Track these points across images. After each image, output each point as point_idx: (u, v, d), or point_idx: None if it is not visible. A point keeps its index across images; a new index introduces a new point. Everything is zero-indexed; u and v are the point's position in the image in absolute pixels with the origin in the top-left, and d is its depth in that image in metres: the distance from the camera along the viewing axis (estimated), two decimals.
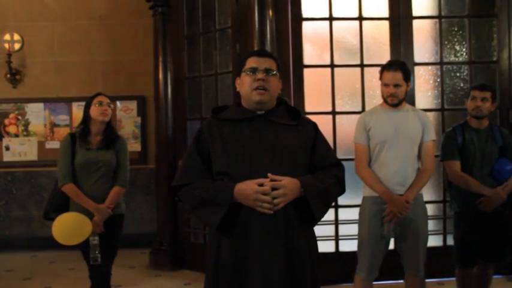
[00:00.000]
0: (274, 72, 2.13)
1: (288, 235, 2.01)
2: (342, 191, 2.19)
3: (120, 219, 3.37)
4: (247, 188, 1.94)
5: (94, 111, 3.27)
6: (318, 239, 2.20)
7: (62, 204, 3.23)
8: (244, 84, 2.13)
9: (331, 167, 2.15)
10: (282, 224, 1.99)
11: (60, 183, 3.22)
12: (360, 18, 4.31)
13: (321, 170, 2.12)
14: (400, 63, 3.24)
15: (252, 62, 2.13)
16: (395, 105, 3.18)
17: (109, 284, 3.35)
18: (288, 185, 1.96)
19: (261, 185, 1.94)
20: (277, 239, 1.99)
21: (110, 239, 3.26)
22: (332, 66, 4.31)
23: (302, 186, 2.00)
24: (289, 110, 2.22)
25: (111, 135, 3.34)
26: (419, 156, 3.20)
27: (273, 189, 1.95)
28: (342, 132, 4.27)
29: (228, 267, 2.01)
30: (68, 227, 3.14)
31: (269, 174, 1.96)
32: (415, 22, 4.31)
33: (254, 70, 2.10)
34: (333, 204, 4.14)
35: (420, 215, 3.16)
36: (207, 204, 2.02)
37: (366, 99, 4.29)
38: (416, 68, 4.32)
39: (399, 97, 3.15)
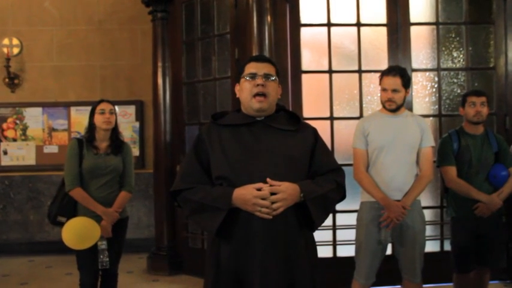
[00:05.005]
0: (274, 77, 2.13)
1: (288, 240, 1.99)
2: (342, 196, 2.18)
3: (126, 222, 3.46)
4: (246, 193, 1.94)
5: (97, 119, 3.31)
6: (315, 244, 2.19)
7: (70, 209, 3.24)
8: (244, 90, 2.13)
9: (331, 172, 2.14)
10: (282, 229, 1.98)
11: (68, 187, 3.23)
12: (358, 25, 4.33)
13: (320, 175, 2.11)
14: (400, 69, 3.22)
15: (250, 68, 2.13)
16: (393, 111, 3.18)
17: (116, 285, 3.42)
18: (287, 189, 1.95)
19: (260, 189, 1.94)
20: (277, 244, 1.97)
21: (117, 241, 3.34)
22: (330, 72, 4.32)
23: (301, 191, 1.99)
24: (289, 115, 2.22)
25: (118, 141, 3.38)
26: (417, 162, 3.20)
27: (273, 194, 1.94)
28: (340, 138, 4.29)
29: (228, 273, 1.99)
30: (79, 231, 3.16)
31: (268, 179, 1.95)
32: (412, 28, 4.33)
33: (253, 75, 2.10)
34: None
35: (417, 220, 3.16)
36: (206, 209, 2.01)
37: (364, 105, 4.31)
38: (414, 74, 4.34)
39: (397, 102, 3.15)
